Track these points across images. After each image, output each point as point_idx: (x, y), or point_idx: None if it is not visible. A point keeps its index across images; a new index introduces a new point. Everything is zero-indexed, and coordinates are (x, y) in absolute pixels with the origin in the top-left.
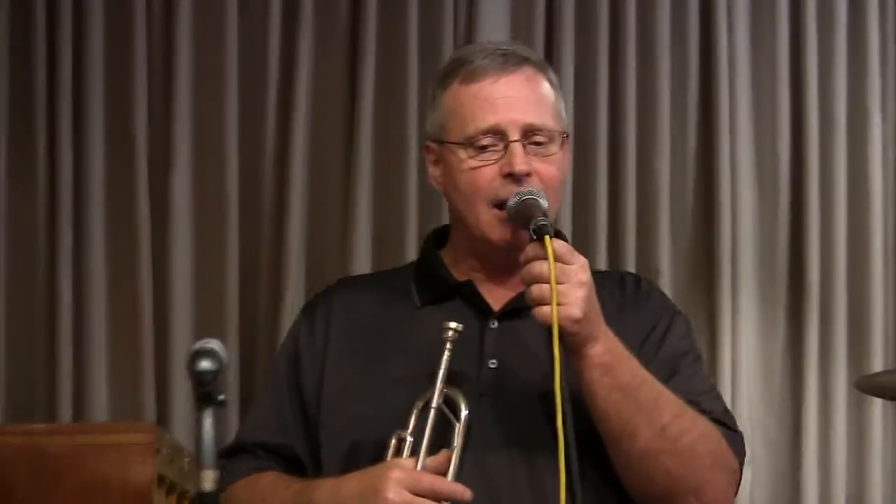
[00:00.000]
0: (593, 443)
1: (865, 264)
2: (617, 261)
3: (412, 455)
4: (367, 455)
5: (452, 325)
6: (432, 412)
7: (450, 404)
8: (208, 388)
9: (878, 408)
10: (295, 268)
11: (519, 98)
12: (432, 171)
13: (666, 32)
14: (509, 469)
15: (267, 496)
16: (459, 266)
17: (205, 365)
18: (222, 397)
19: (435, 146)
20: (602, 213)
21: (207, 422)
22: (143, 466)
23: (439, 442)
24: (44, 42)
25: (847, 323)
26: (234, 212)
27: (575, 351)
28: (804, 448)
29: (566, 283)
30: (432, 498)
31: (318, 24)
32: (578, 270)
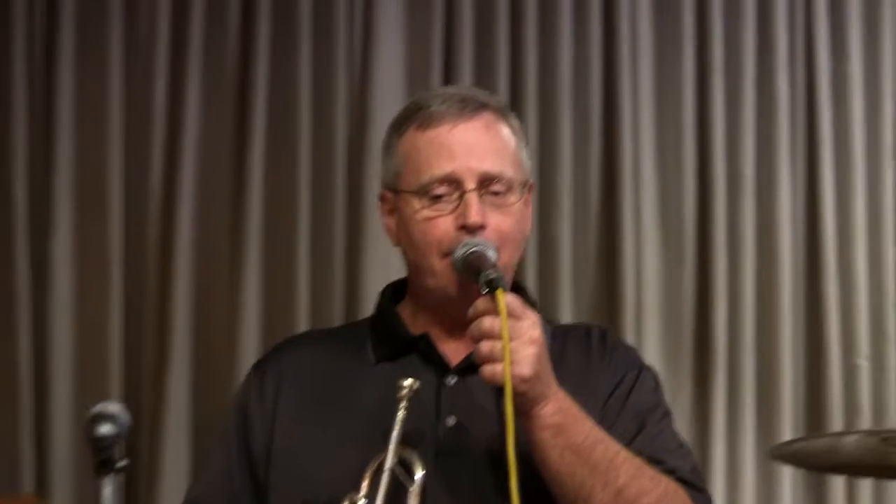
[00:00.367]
0: None
1: (774, 328)
2: None
3: None
4: None
5: (407, 383)
6: (386, 474)
7: (405, 465)
8: (108, 454)
9: (787, 478)
10: (181, 329)
11: (476, 145)
12: (387, 221)
13: (567, 82)
14: None
15: None
16: (417, 320)
17: (105, 429)
18: (123, 463)
19: (390, 195)
20: None
21: (107, 490)
22: None
23: None
24: None
25: (755, 390)
26: (117, 273)
27: (524, 411)
28: None
29: (516, 340)
30: None
31: (206, 74)
32: (529, 327)
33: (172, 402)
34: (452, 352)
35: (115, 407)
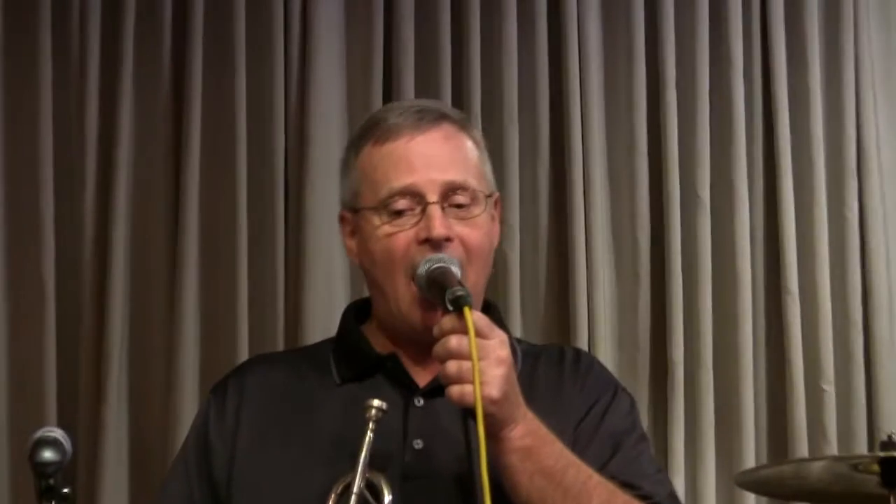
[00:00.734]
0: None
1: (734, 350)
2: None
3: None
4: None
5: (375, 404)
6: (354, 498)
7: (371, 489)
8: (51, 481)
9: None
10: (117, 358)
11: (437, 156)
12: (348, 243)
13: (513, 97)
14: None
15: None
16: (382, 341)
17: (47, 455)
18: (67, 490)
19: (349, 215)
20: None
21: None
22: None
23: None
24: None
25: (715, 417)
26: (51, 301)
27: (493, 434)
28: None
29: (484, 360)
30: None
31: (140, 94)
32: (497, 346)
33: (110, 432)
34: (420, 373)
35: (58, 432)
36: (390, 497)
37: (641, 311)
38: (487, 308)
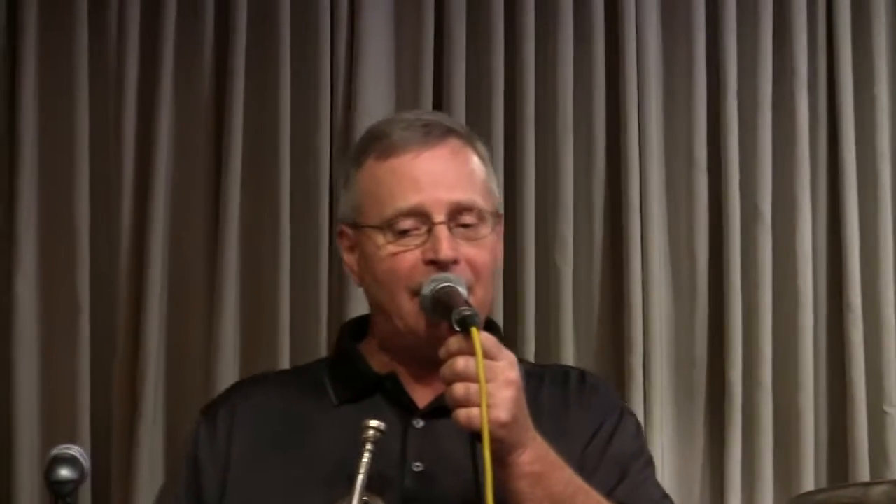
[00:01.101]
0: None
1: (794, 371)
2: None
3: None
4: None
5: (373, 424)
6: None
7: None
8: (67, 500)
9: None
10: (153, 376)
11: (444, 174)
12: (347, 258)
13: (569, 106)
14: None
15: None
16: (380, 360)
17: (64, 473)
18: None
19: (349, 230)
20: (497, 311)
21: None
22: None
23: None
24: None
25: (773, 438)
26: (85, 317)
27: (500, 459)
28: None
29: (492, 382)
30: None
31: (179, 97)
32: (506, 368)
33: (144, 447)
34: (420, 393)
35: (75, 450)
36: None
37: (698, 330)
38: (490, 327)
